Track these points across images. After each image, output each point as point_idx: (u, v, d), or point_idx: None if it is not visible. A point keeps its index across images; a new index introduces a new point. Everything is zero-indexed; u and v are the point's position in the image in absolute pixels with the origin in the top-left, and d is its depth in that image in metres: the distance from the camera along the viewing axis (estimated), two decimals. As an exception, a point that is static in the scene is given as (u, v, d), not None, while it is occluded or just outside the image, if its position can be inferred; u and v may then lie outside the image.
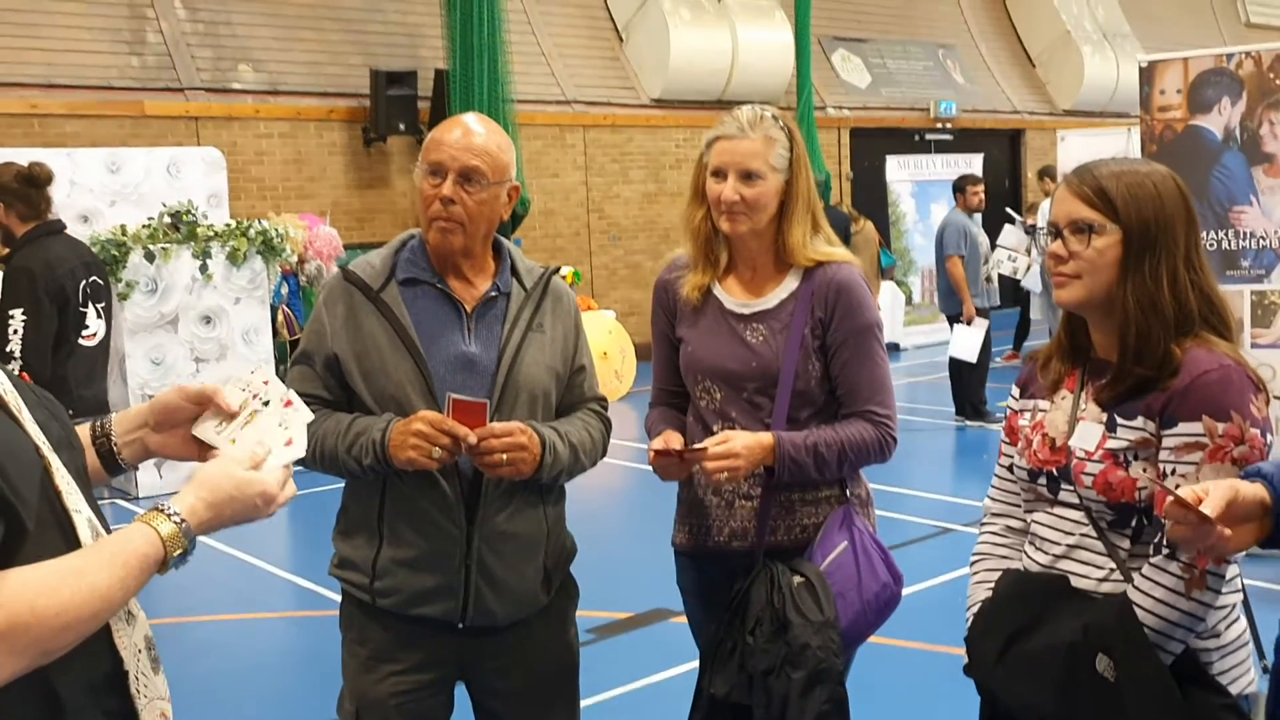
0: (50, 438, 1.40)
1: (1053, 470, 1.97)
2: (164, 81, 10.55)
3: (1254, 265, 5.46)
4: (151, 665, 1.45)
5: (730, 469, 2.30)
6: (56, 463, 1.38)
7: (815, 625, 2.29)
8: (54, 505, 1.36)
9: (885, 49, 16.35)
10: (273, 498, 1.50)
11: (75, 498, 1.38)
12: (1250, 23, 20.78)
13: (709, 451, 2.29)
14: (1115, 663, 1.79)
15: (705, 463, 2.30)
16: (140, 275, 7.53)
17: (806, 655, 2.26)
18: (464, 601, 2.26)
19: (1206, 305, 1.90)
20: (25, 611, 1.22)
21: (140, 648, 1.43)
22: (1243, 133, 5.44)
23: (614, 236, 13.33)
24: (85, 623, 1.28)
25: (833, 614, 2.32)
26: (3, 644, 1.20)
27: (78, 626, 1.27)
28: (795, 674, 2.26)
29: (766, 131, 2.39)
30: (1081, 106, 17.66)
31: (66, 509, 1.36)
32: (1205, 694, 1.80)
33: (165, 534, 1.38)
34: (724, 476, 2.32)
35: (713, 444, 2.31)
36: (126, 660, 1.40)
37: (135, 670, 1.41)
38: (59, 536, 1.34)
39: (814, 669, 2.26)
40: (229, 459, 1.50)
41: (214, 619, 5.20)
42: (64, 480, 1.38)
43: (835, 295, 2.41)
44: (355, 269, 2.33)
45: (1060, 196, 1.94)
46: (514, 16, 12.01)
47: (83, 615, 1.27)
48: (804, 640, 2.27)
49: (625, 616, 4.96)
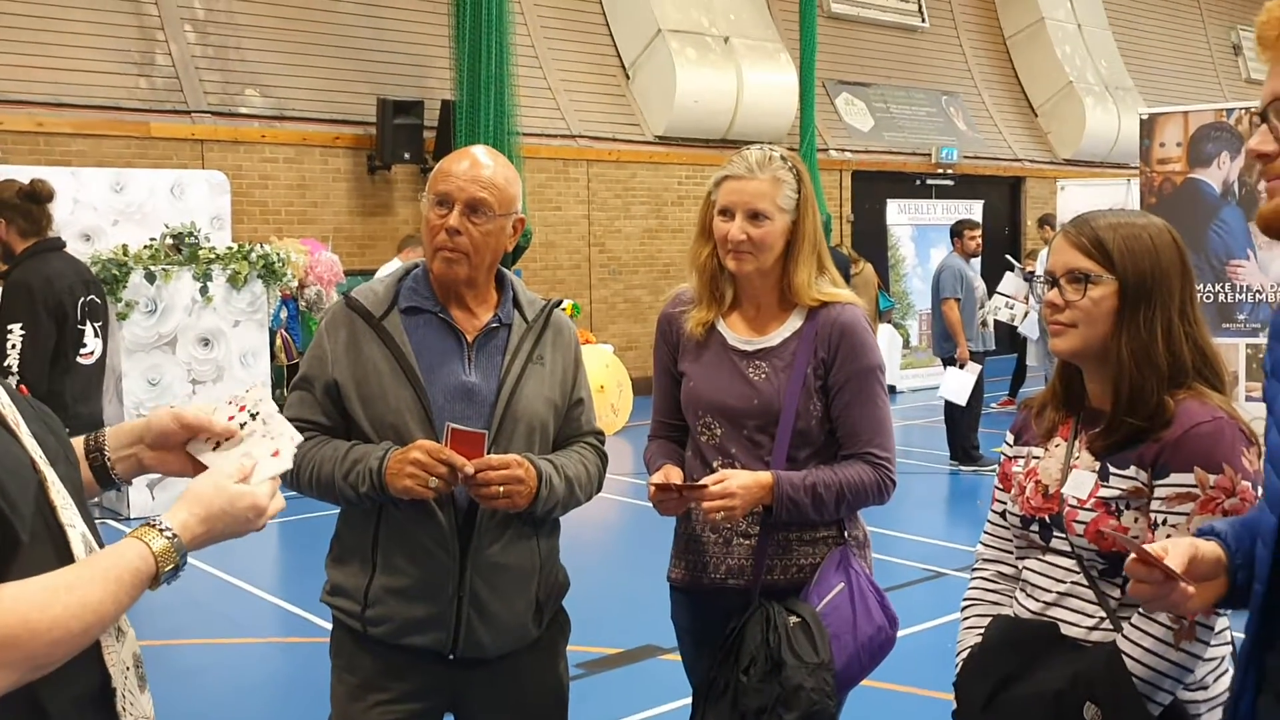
0: (47, 452, 1.40)
1: (1045, 517, 1.98)
2: (171, 103, 10.61)
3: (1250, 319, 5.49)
4: (138, 683, 1.45)
5: (726, 509, 2.30)
6: (52, 477, 1.38)
7: (810, 667, 2.28)
8: (48, 520, 1.36)
9: (889, 94, 16.48)
10: (262, 510, 1.50)
11: (70, 513, 1.38)
12: (1250, 79, 20.97)
13: (706, 490, 2.30)
14: (1102, 712, 1.79)
15: (702, 502, 2.31)
16: (140, 295, 7.54)
17: (800, 697, 2.26)
18: (455, 632, 2.26)
19: (1200, 357, 1.92)
20: (18, 625, 1.22)
21: (128, 665, 1.43)
22: (1241, 187, 5.49)
23: (614, 270, 13.37)
24: (77, 637, 1.28)
25: (828, 656, 2.31)
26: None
27: (70, 641, 1.27)
28: (788, 715, 2.25)
29: (775, 173, 2.41)
30: (1082, 156, 17.79)
31: (61, 524, 1.37)
32: None
33: (157, 549, 1.38)
34: (719, 516, 2.32)
35: (711, 482, 2.31)
36: (115, 677, 1.39)
37: (123, 688, 1.41)
38: (52, 551, 1.34)
39: (807, 711, 2.25)
40: (218, 473, 1.50)
41: (202, 642, 5.18)
42: (59, 495, 1.38)
43: (839, 336, 2.42)
44: (358, 296, 2.34)
45: (1057, 246, 1.97)
46: (522, 50, 12.11)
47: (75, 630, 1.27)
48: (798, 681, 2.27)
49: (616, 652, 4.94)
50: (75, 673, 1.33)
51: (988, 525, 2.18)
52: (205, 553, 1.49)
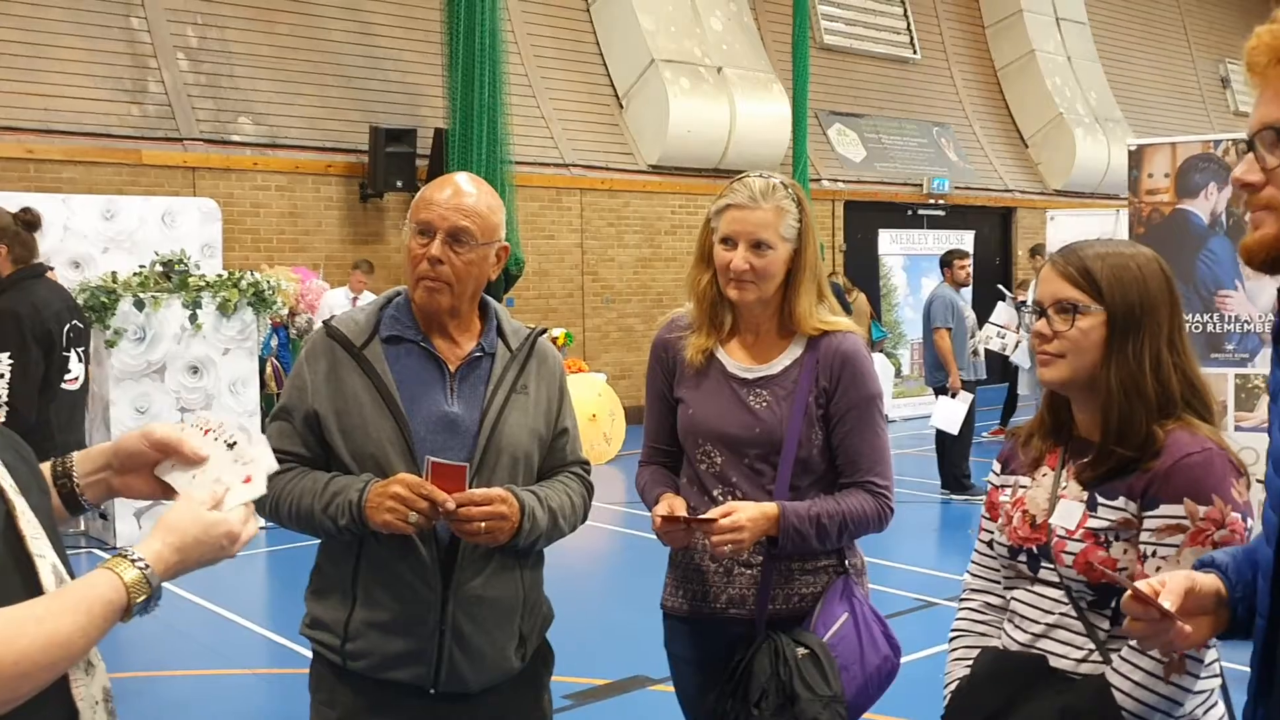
0: (18, 480, 1.37)
1: (1033, 548, 1.96)
2: (163, 131, 10.62)
3: (1238, 349, 5.49)
4: (108, 718, 1.41)
5: (735, 542, 2.28)
6: (22, 506, 1.35)
7: (824, 700, 2.27)
8: (16, 550, 1.33)
9: (881, 125, 16.57)
10: (236, 537, 1.46)
11: (40, 543, 1.35)
12: (1238, 111, 21.14)
13: (715, 524, 2.27)
14: None
15: (710, 536, 2.28)
16: (129, 323, 7.51)
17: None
18: (436, 667, 2.22)
19: (1188, 388, 1.90)
20: None
21: (98, 699, 1.39)
22: (1229, 218, 5.50)
23: (607, 299, 13.38)
24: (44, 671, 1.25)
25: (840, 688, 2.30)
26: None
27: (36, 675, 1.24)
28: None
29: (778, 202, 2.40)
30: (1072, 187, 17.89)
31: (29, 554, 1.34)
32: None
33: (129, 580, 1.34)
34: (728, 550, 2.30)
35: (719, 514, 2.29)
36: (83, 712, 1.36)
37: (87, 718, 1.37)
38: (20, 582, 1.31)
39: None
40: (192, 500, 1.47)
41: (183, 674, 5.12)
42: (29, 524, 1.35)
43: (840, 365, 2.41)
44: (339, 325, 2.31)
45: (1045, 276, 1.96)
46: (515, 79, 12.16)
47: (42, 664, 1.24)
48: (813, 715, 2.25)
49: (604, 683, 4.89)
50: (42, 707, 1.29)
51: (975, 555, 2.16)
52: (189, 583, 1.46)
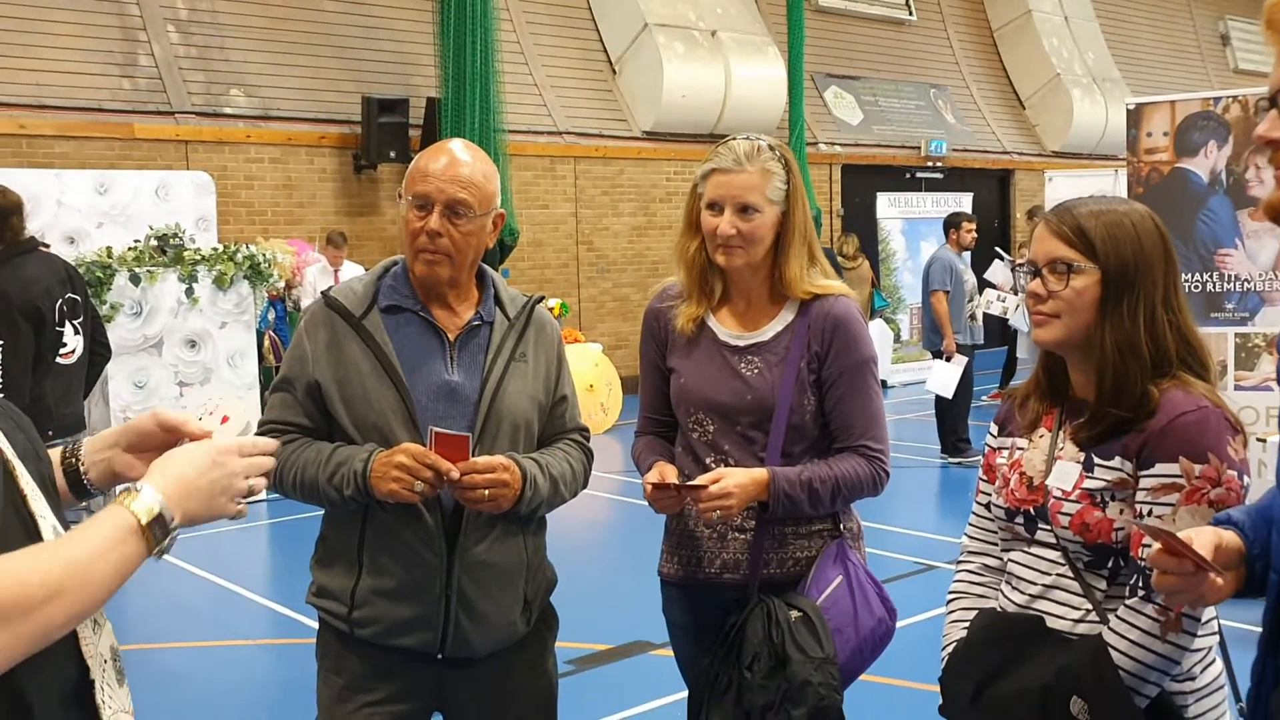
0: (15, 447, 1.37)
1: (1030, 509, 1.96)
2: (155, 104, 10.56)
3: (1238, 308, 5.49)
4: (116, 677, 1.42)
5: (723, 508, 2.28)
6: (21, 469, 1.36)
7: (815, 662, 2.27)
8: (19, 508, 1.33)
9: (877, 87, 16.48)
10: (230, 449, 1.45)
11: (40, 504, 1.36)
12: (1239, 68, 21.02)
13: (704, 490, 2.27)
14: (1089, 706, 1.77)
15: (699, 502, 2.29)
16: (125, 298, 7.49)
17: (807, 692, 2.24)
18: (442, 632, 2.24)
19: (1184, 346, 1.89)
20: (13, 584, 1.19)
21: (106, 657, 1.40)
22: (1229, 176, 5.48)
23: (602, 269, 13.34)
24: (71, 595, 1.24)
25: (832, 650, 2.30)
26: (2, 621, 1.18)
27: (65, 598, 1.24)
28: (796, 711, 2.23)
29: (764, 164, 2.37)
30: (1070, 148, 17.81)
31: (32, 513, 1.34)
32: None
33: (130, 502, 1.32)
34: (715, 515, 2.30)
35: (707, 480, 2.29)
36: (93, 669, 1.37)
37: (101, 680, 1.38)
38: (24, 538, 1.31)
39: (815, 706, 2.24)
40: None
41: (187, 645, 5.15)
42: (29, 486, 1.36)
43: (832, 329, 2.39)
44: (337, 295, 2.31)
45: (1039, 235, 1.94)
46: (507, 47, 12.07)
47: (68, 585, 1.24)
48: (804, 677, 2.25)
49: (606, 648, 4.92)
50: (53, 663, 1.31)
51: (972, 517, 2.16)
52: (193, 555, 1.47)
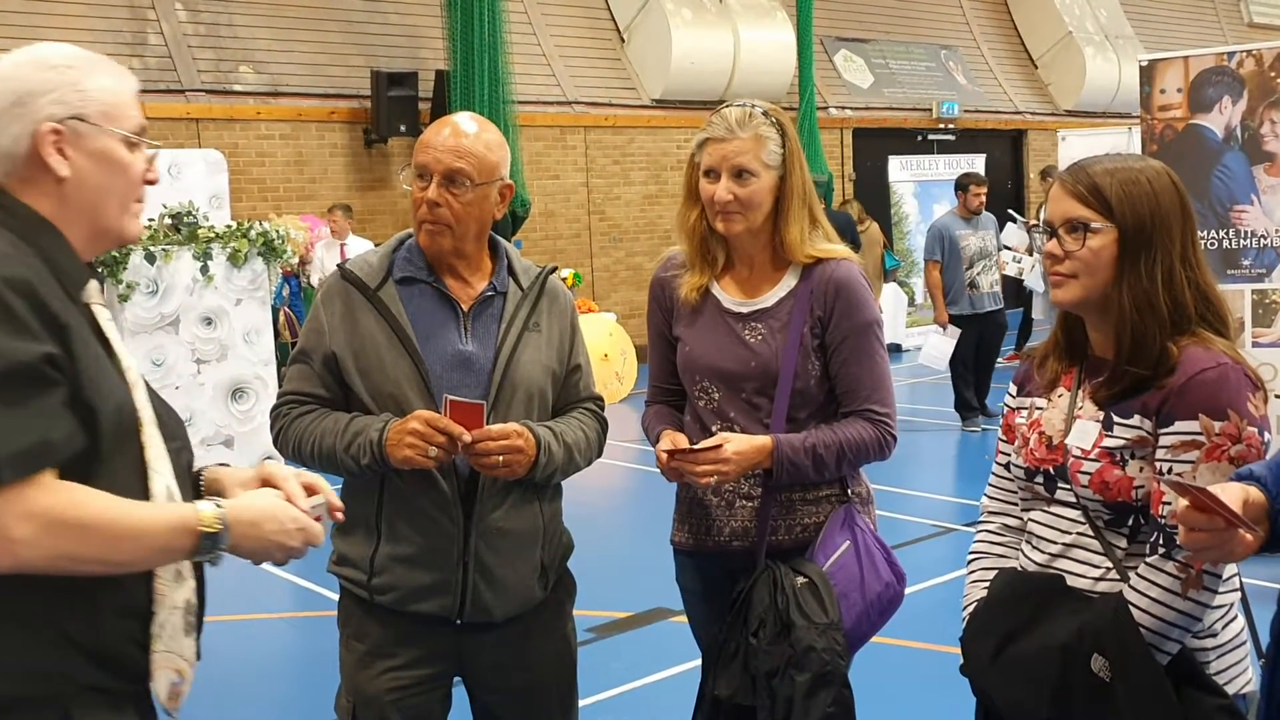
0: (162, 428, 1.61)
1: (1049, 469, 1.96)
2: (165, 83, 10.55)
3: (1255, 264, 5.44)
4: (185, 628, 1.60)
5: (720, 474, 2.29)
6: (152, 429, 1.58)
7: (819, 627, 2.28)
8: (138, 457, 1.56)
9: (888, 49, 16.34)
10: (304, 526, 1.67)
11: (162, 462, 1.58)
12: (1253, 22, 20.75)
13: (700, 455, 2.28)
14: (1110, 664, 1.77)
15: (694, 467, 2.29)
16: (141, 276, 7.52)
17: (811, 658, 2.25)
18: (461, 597, 2.27)
19: (1203, 303, 1.88)
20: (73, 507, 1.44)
21: (178, 606, 1.60)
22: (1244, 132, 5.43)
23: (615, 238, 13.32)
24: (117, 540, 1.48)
25: (837, 615, 2.31)
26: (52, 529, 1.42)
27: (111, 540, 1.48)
28: (800, 676, 2.24)
29: (757, 130, 2.36)
30: (1083, 107, 17.65)
31: (146, 462, 1.57)
32: (1201, 695, 1.79)
33: (202, 510, 1.56)
34: (711, 481, 2.31)
35: (710, 445, 2.29)
36: (159, 613, 1.57)
37: (164, 618, 1.58)
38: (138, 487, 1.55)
39: (819, 671, 2.25)
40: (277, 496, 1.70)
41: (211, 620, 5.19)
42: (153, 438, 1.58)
43: (835, 293, 2.39)
44: (352, 267, 2.33)
45: (1055, 195, 1.92)
46: (515, 17, 12.00)
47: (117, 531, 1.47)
48: (808, 642, 2.26)
49: (625, 616, 4.96)
50: (124, 589, 1.55)
51: (992, 478, 2.16)
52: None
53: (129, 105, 1.67)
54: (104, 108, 1.63)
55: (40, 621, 1.49)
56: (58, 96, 1.59)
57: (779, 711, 2.25)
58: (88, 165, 1.62)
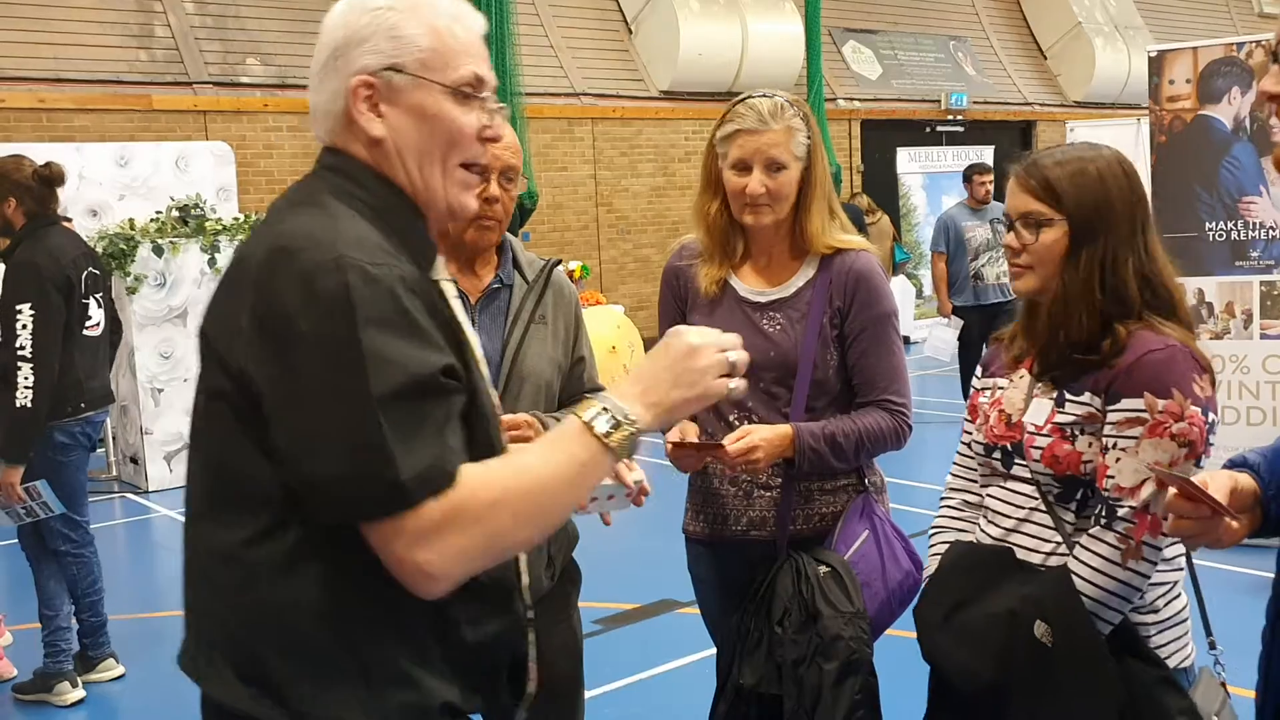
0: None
1: (1007, 445, 2.02)
2: (172, 75, 10.57)
3: (1263, 256, 5.42)
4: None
5: (750, 464, 2.29)
6: (491, 390, 1.49)
7: (846, 616, 2.29)
8: (492, 423, 1.47)
9: (896, 40, 16.30)
10: (704, 339, 1.43)
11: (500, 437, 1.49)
12: (1264, 13, 20.63)
13: (729, 448, 2.28)
14: (1052, 629, 1.83)
15: (725, 459, 2.30)
16: (149, 269, 7.55)
17: (838, 646, 2.27)
18: (467, 589, 2.27)
19: (1149, 290, 1.93)
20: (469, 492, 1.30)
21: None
22: (1253, 123, 5.40)
23: (623, 230, 13.32)
24: (564, 493, 1.37)
25: (861, 604, 2.33)
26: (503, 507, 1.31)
27: (559, 500, 1.37)
28: (827, 665, 2.26)
29: (788, 121, 2.37)
30: (1092, 98, 17.59)
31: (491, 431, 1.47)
32: (1142, 665, 1.86)
33: (582, 410, 1.39)
34: (743, 470, 2.31)
35: (732, 439, 2.30)
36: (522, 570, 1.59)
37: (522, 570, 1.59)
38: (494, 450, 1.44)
39: (846, 660, 2.27)
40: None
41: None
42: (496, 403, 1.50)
43: (854, 284, 2.40)
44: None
45: (1011, 189, 1.99)
46: (522, 8, 12.00)
47: (550, 487, 1.36)
48: (835, 631, 2.28)
49: (632, 607, 4.97)
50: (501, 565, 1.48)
51: (956, 456, 2.22)
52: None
53: (460, 53, 1.44)
54: (425, 54, 1.41)
55: None
56: (372, 45, 1.40)
57: (807, 699, 2.27)
58: (404, 122, 1.42)
